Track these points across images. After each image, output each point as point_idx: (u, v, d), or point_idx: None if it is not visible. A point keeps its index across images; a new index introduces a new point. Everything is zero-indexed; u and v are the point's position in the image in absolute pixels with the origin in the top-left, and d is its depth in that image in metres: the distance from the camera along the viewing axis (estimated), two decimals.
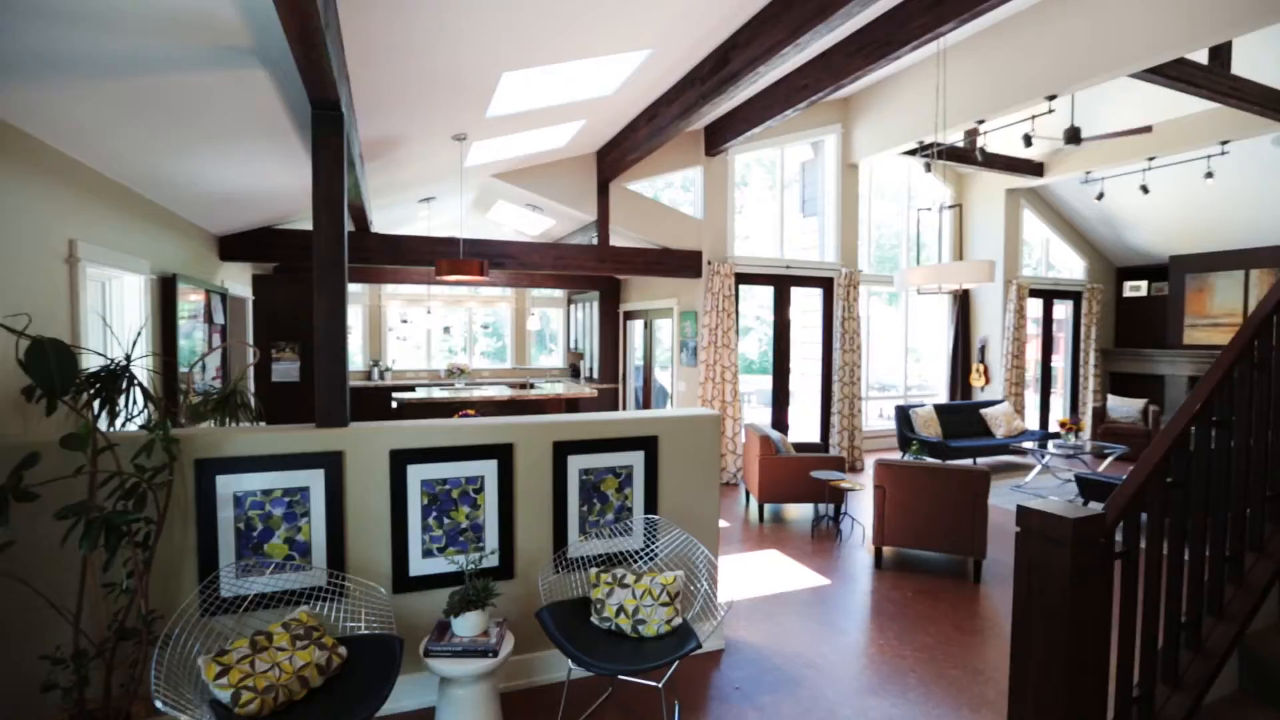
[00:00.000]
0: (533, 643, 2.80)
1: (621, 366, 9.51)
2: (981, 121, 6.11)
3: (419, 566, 2.59)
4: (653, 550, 2.96)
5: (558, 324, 11.28)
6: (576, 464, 2.87)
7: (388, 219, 7.44)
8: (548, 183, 6.33)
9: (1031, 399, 9.90)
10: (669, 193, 8.66)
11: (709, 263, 7.02)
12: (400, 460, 2.55)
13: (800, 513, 5.83)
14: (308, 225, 5.51)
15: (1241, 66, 6.07)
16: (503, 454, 2.72)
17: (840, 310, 7.83)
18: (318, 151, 2.48)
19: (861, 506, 5.97)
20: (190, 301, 4.16)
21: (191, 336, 4.15)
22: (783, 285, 7.70)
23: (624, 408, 9.43)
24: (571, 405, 8.47)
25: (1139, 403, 9.10)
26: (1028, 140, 5.92)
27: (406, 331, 10.33)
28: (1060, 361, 10.25)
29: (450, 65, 3.21)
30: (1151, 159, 7.58)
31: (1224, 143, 7.03)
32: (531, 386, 7.60)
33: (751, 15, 3.71)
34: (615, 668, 2.24)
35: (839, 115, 7.63)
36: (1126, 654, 1.78)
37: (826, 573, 4.37)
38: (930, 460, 5.23)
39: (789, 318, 7.80)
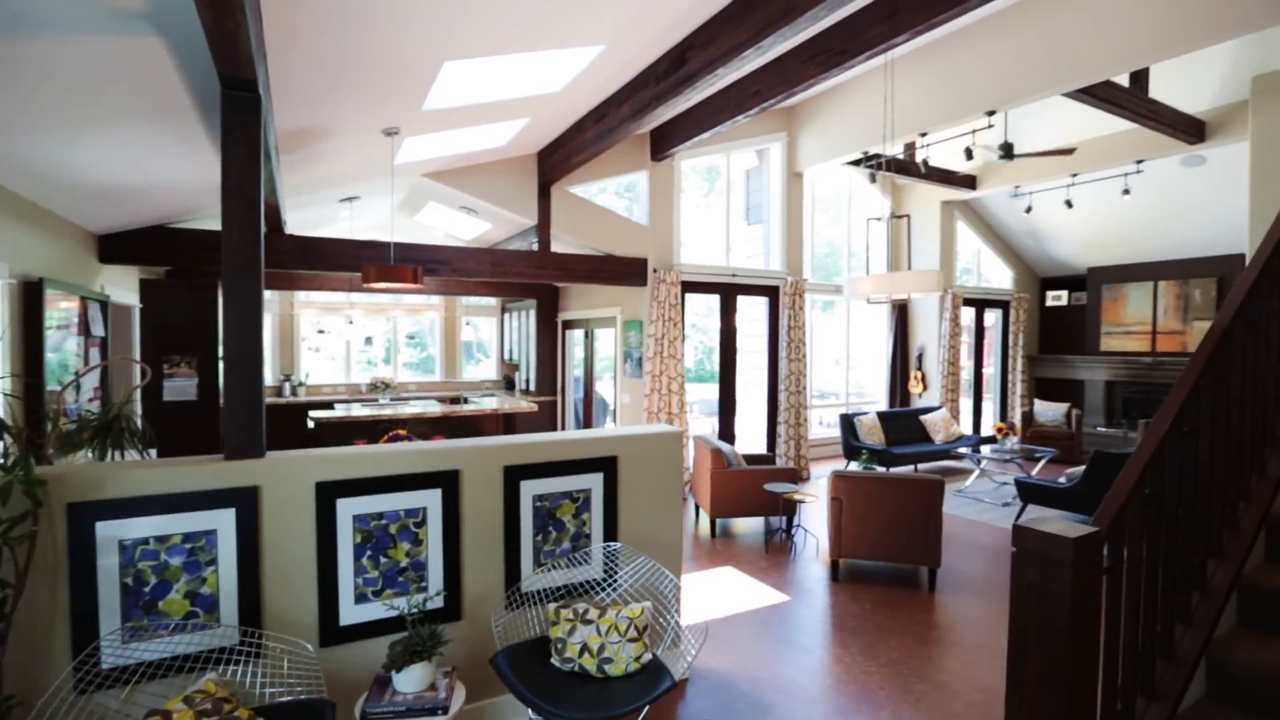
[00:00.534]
0: (486, 688, 2.50)
1: (560, 378, 9.21)
2: (924, 134, 6.21)
3: (351, 614, 2.25)
4: (615, 580, 2.72)
5: (487, 333, 10.82)
6: (530, 490, 2.60)
7: (304, 220, 6.89)
8: (485, 184, 6.00)
9: (965, 405, 10.22)
10: (602, 198, 8.45)
11: (655, 270, 6.85)
12: (328, 494, 2.21)
13: (751, 526, 5.71)
14: (210, 224, 4.95)
15: (1157, 91, 6.43)
16: (448, 482, 2.42)
17: (786, 319, 7.82)
18: (230, 140, 2.13)
19: (813, 518, 5.91)
20: (61, 310, 3.59)
21: (63, 351, 3.58)
22: (729, 294, 7.62)
23: (563, 421, 9.13)
24: (509, 421, 8.11)
25: (1062, 406, 9.53)
26: (969, 153, 6.05)
27: (322, 342, 9.65)
28: (991, 368, 10.65)
29: (388, 50, 2.89)
30: (1075, 175, 7.95)
31: (1139, 162, 7.44)
32: (465, 401, 7.21)
33: (711, 15, 3.56)
34: (582, 716, 1.99)
35: (784, 123, 7.64)
36: (1111, 668, 1.69)
37: (784, 588, 4.24)
38: (884, 470, 5.23)
39: (735, 326, 7.72)
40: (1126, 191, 7.83)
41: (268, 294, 8.89)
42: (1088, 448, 9.47)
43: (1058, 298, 10.82)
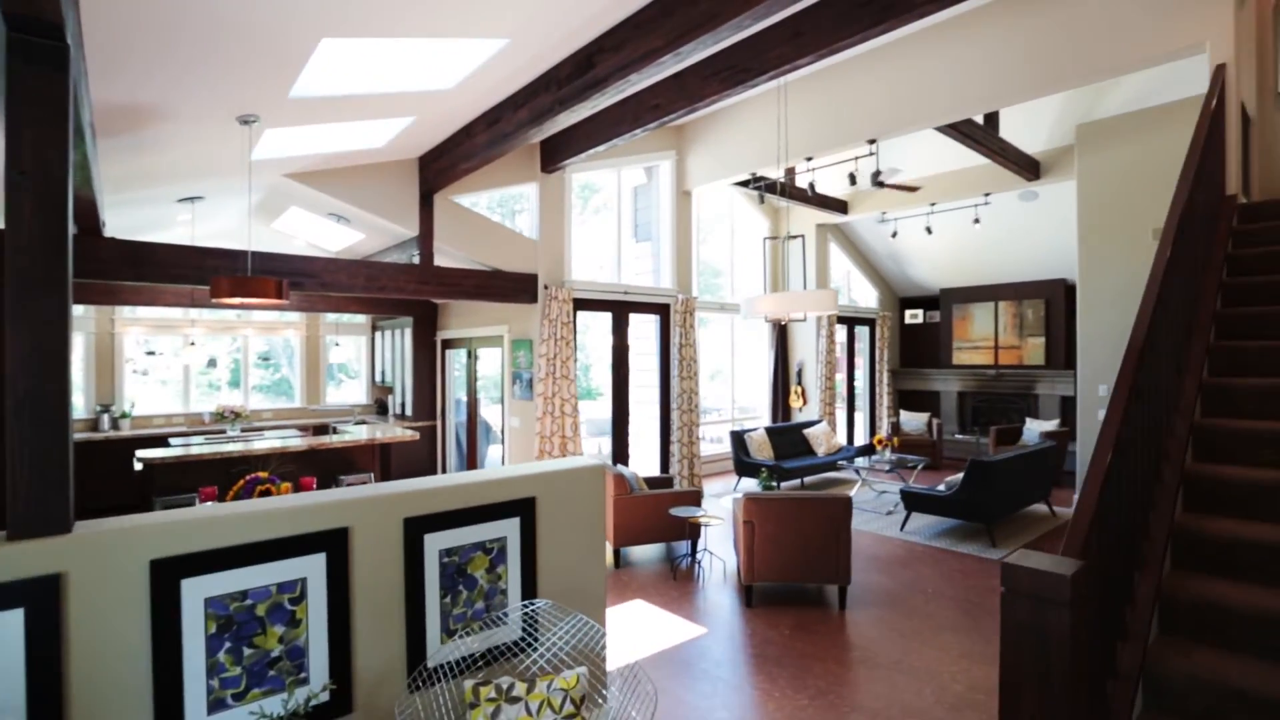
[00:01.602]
0: None
1: (440, 401, 8.56)
2: (810, 158, 6.42)
3: None
4: (537, 639, 2.36)
5: (350, 352, 9.85)
6: (436, 544, 2.20)
7: (131, 222, 5.85)
8: (359, 189, 5.39)
9: (840, 417, 10.75)
10: (478, 210, 8.00)
11: (546, 287, 6.52)
12: (169, 574, 1.69)
13: (654, 553, 5.50)
14: None
15: (1005, 132, 7.13)
16: (334, 543, 1.96)
17: (678, 336, 7.78)
18: (20, 101, 1.58)
19: (716, 540, 5.81)
20: None
21: None
22: (621, 311, 7.45)
23: (444, 448, 8.47)
24: (385, 451, 7.38)
25: (924, 416, 10.28)
26: (853, 179, 6.34)
27: (153, 364, 8.28)
28: (860, 382, 11.31)
29: (251, 15, 2.39)
30: (934, 204, 8.65)
31: (987, 194, 8.22)
32: (334, 431, 6.42)
33: (624, 18, 3.35)
34: None
35: (674, 142, 7.64)
36: (1077, 696, 1.64)
37: (700, 619, 4.05)
38: (777, 486, 5.26)
39: (628, 345, 7.56)
40: (977, 220, 8.63)
41: (79, 309, 7.47)
42: (947, 453, 10.28)
43: (915, 316, 11.75)
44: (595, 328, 7.64)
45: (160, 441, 6.65)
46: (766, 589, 4.52)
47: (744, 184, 8.22)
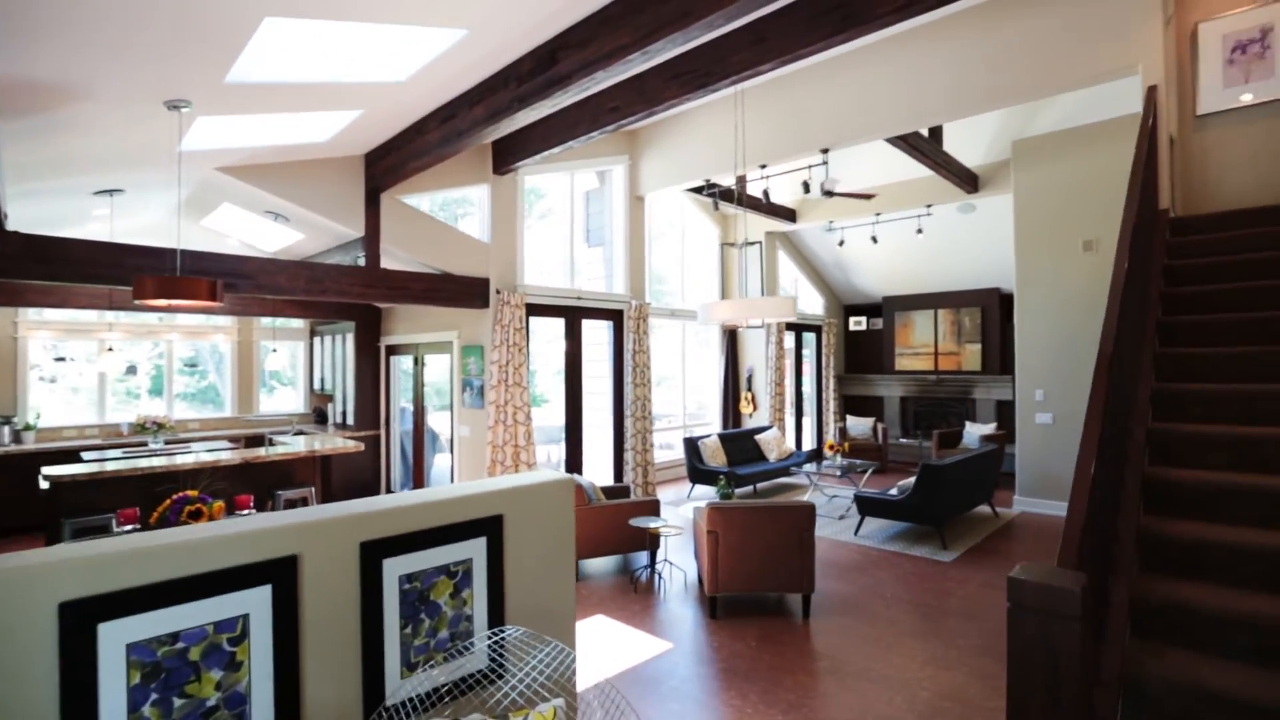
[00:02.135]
0: None
1: (384, 410, 8.19)
2: (764, 165, 6.45)
3: None
4: (505, 668, 2.20)
5: (286, 358, 9.31)
6: (396, 569, 2.01)
7: (37, 214, 5.34)
8: (300, 186, 5.07)
9: (789, 423, 10.89)
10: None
11: (498, 291, 6.32)
12: (83, 618, 1.46)
13: (612, 564, 5.37)
14: None
15: (948, 146, 7.37)
16: (281, 574, 1.76)
17: (631, 343, 7.69)
18: None
19: (675, 549, 5.71)
20: None
21: None
22: (574, 317, 7.31)
23: (388, 459, 8.10)
24: (326, 463, 6.99)
25: (869, 421, 10.53)
26: (806, 187, 6.40)
27: (62, 371, 7.61)
28: (808, 388, 11.49)
29: None
30: (879, 214, 8.87)
31: (929, 205, 8.49)
32: (270, 442, 6.01)
33: (590, 13, 3.24)
34: None
35: (627, 146, 7.57)
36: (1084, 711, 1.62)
37: (664, 634, 3.95)
38: (743, 496, 5.22)
39: (581, 351, 7.41)
40: (920, 230, 8.91)
41: None
42: (892, 457, 10.55)
43: (859, 323, 12.05)
44: (541, 333, 7.44)
45: (71, 456, 6.07)
46: (731, 600, 4.46)
47: (698, 190, 8.22)
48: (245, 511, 3.03)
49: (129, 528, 2.67)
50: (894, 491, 6.15)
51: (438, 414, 7.64)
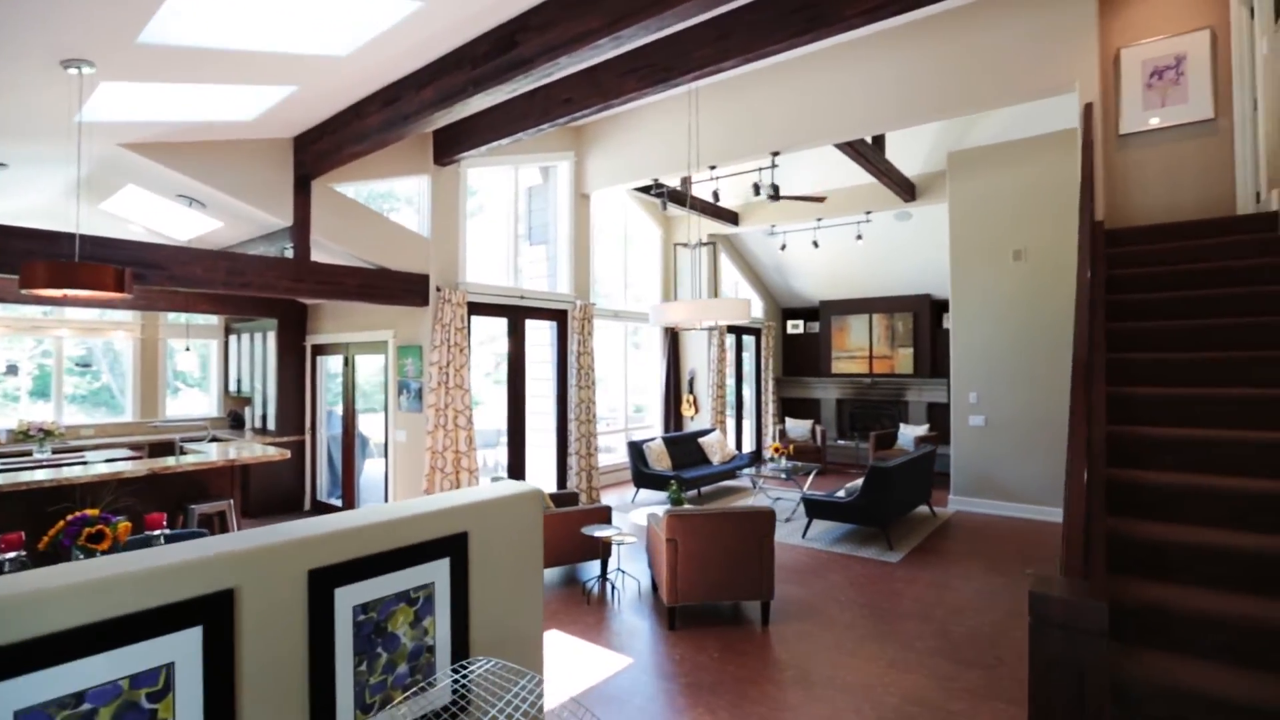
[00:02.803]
0: None
1: (310, 414, 7.65)
2: (714, 167, 6.40)
3: None
4: (470, 702, 1.99)
5: (195, 358, 8.55)
6: (349, 599, 1.77)
7: None
8: (219, 168, 4.60)
9: (730, 425, 10.94)
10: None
11: (438, 289, 5.99)
12: None
13: (561, 575, 5.16)
14: None
15: (889, 154, 7.56)
16: (214, 612, 1.49)
17: (575, 344, 7.49)
18: None
19: (627, 557, 5.56)
20: None
21: None
22: (518, 317, 7.04)
23: (314, 466, 7.57)
24: (245, 473, 6.48)
25: (808, 423, 10.72)
26: (756, 189, 6.39)
27: None
28: (748, 390, 11.59)
29: None
30: (820, 220, 9.02)
31: (868, 212, 8.71)
32: (181, 451, 5.44)
33: None
34: None
35: (573, 142, 7.37)
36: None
37: (623, 648, 3.79)
38: (689, 501, 5.12)
39: (525, 352, 7.15)
40: (859, 237, 9.12)
41: None
42: (830, 459, 10.77)
43: (796, 326, 12.26)
44: (478, 333, 7.12)
45: None
46: (690, 610, 4.34)
47: (645, 190, 8.10)
48: (158, 532, 2.66)
49: (10, 556, 2.28)
50: (841, 494, 6.22)
51: (370, 417, 7.19)
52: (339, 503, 7.27)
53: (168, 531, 2.69)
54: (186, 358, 7.24)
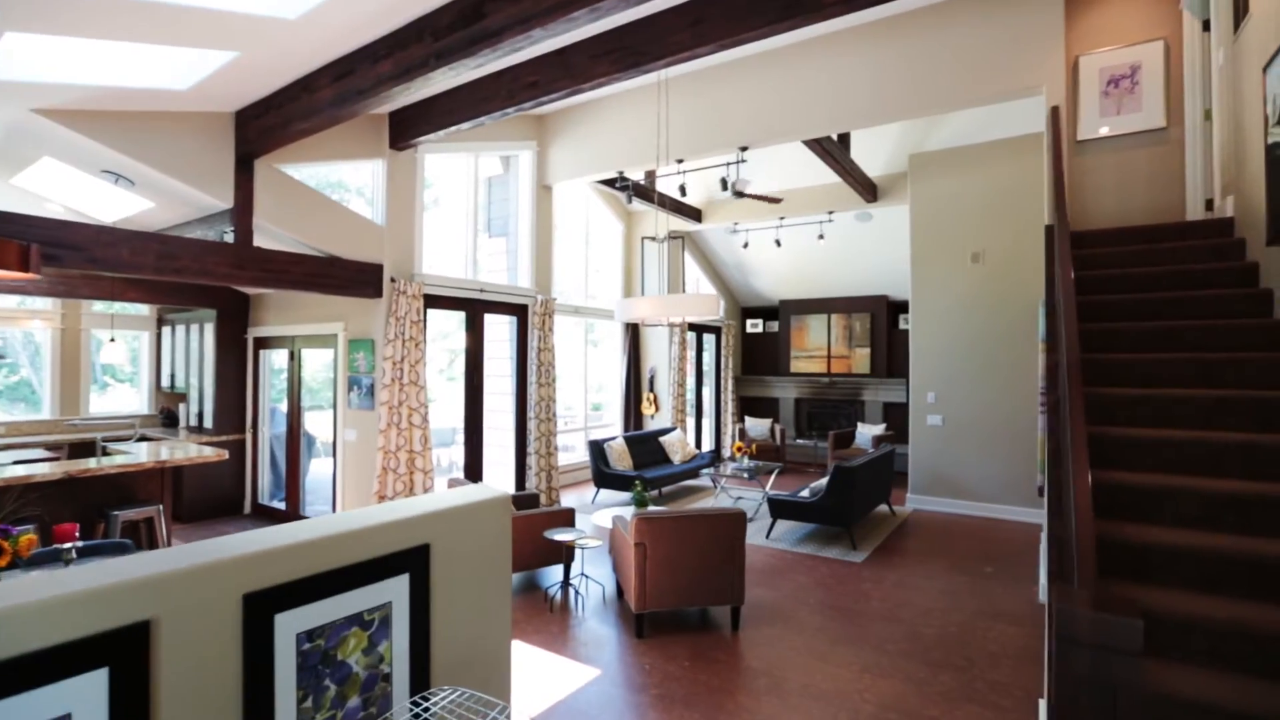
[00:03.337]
0: None
1: (252, 411, 7.20)
2: (681, 160, 6.26)
3: None
4: None
5: (124, 351, 7.92)
6: (291, 626, 1.55)
7: None
8: (151, 141, 4.21)
9: (690, 424, 10.85)
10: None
11: (393, 280, 5.69)
12: None
13: (520, 581, 4.94)
14: None
15: (854, 154, 7.57)
16: (124, 650, 1.26)
17: (536, 340, 7.25)
18: None
19: (591, 561, 5.37)
20: None
21: None
22: (476, 311, 6.77)
23: (255, 467, 7.13)
24: (178, 475, 6.04)
25: (767, 422, 10.72)
26: (724, 184, 6.28)
27: None
28: (708, 389, 11.53)
29: None
30: (783, 219, 9.00)
31: (831, 212, 8.73)
32: (104, 451, 4.98)
33: None
34: None
35: (535, 132, 7.12)
36: None
37: (590, 659, 3.61)
38: (653, 501, 4.97)
39: (483, 348, 6.88)
40: (821, 236, 9.14)
41: None
42: (790, 458, 10.81)
43: (755, 325, 12.27)
44: (433, 327, 6.80)
45: None
46: (657, 617, 4.18)
47: (609, 184, 7.91)
48: (69, 545, 2.35)
49: None
50: (805, 493, 6.18)
51: (318, 415, 6.80)
52: (282, 505, 6.86)
53: (81, 544, 2.38)
54: (113, 350, 6.70)
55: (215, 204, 4.68)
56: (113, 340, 6.36)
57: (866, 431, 9.56)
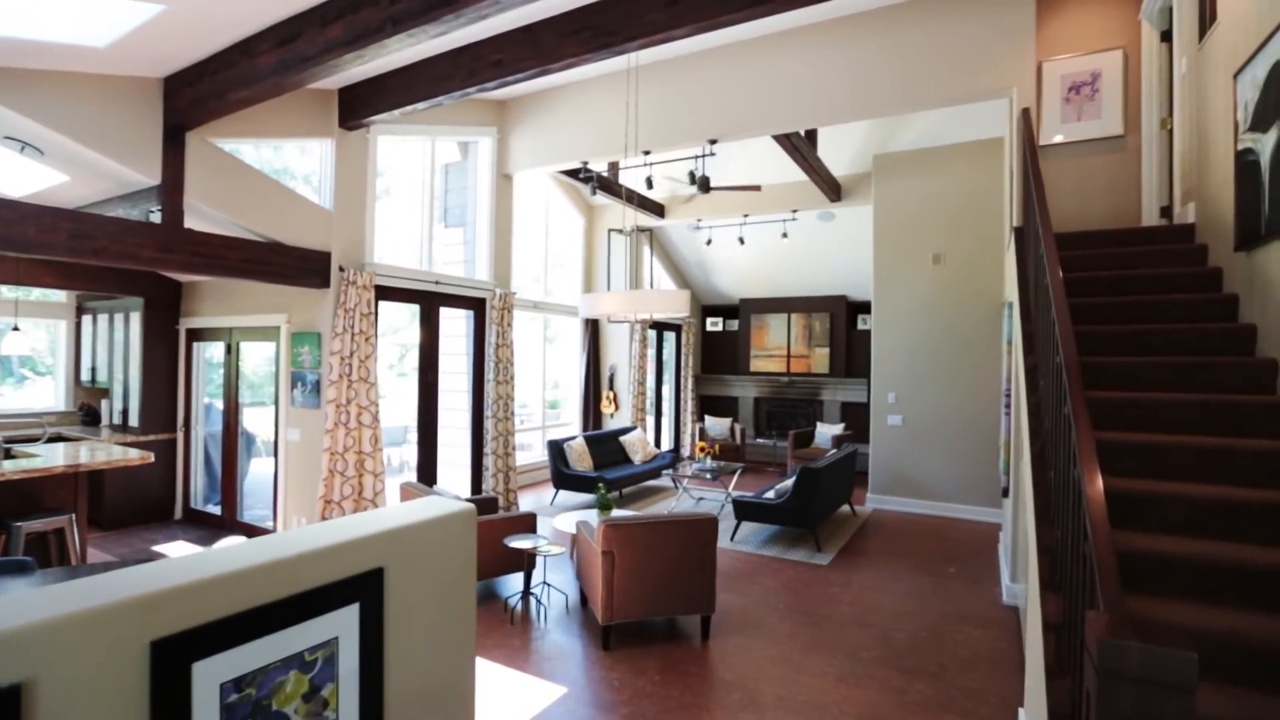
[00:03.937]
0: None
1: (184, 408, 6.68)
2: (648, 152, 6.07)
3: None
4: None
5: (40, 341, 7.29)
6: (214, 675, 1.29)
7: None
8: (62, 105, 3.76)
9: (649, 423, 10.69)
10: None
11: (341, 269, 5.32)
12: None
13: (479, 590, 4.68)
14: None
15: (820, 152, 7.51)
16: None
17: (494, 336, 6.95)
18: None
19: (552, 567, 5.13)
20: None
21: None
22: (431, 304, 6.43)
23: (187, 469, 6.62)
24: (96, 480, 5.53)
25: (727, 421, 10.65)
26: (692, 177, 6.12)
27: None
28: (667, 388, 11.39)
29: None
30: (746, 216, 8.92)
31: (795, 211, 8.68)
32: (9, 453, 4.46)
33: None
34: None
35: (496, 117, 6.82)
36: None
37: (555, 675, 3.39)
38: (615, 495, 4.77)
39: (438, 343, 6.55)
40: (785, 235, 9.09)
41: None
42: (750, 458, 10.76)
43: (715, 323, 12.20)
44: (383, 321, 6.43)
45: None
46: (624, 628, 3.99)
47: (572, 175, 7.66)
48: None
49: None
50: (770, 495, 6.09)
51: (258, 412, 6.35)
52: (218, 510, 6.38)
53: None
54: (25, 340, 6.09)
55: (140, 180, 4.24)
56: (15, 329, 5.77)
57: (826, 431, 9.59)
